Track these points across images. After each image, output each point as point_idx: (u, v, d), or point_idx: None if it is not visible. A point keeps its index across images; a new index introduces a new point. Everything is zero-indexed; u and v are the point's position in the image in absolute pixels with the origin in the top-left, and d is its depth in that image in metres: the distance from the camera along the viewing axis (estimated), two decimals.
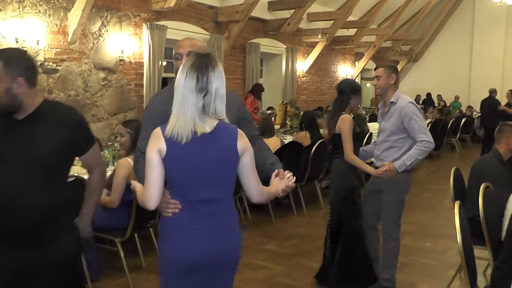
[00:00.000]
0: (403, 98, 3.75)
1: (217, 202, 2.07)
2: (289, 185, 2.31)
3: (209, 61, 2.01)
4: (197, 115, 1.97)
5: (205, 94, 1.97)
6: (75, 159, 2.48)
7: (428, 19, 16.27)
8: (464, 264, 2.58)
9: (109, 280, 4.05)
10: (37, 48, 6.25)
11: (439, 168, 9.87)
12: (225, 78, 2.04)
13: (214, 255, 2.07)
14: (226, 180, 2.08)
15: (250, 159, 2.09)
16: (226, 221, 2.11)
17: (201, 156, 1.99)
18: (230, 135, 2.04)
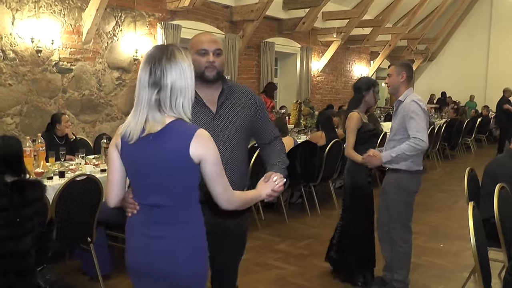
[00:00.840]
0: (410, 97, 3.65)
1: (169, 209, 1.86)
2: (275, 189, 2.15)
3: (164, 52, 1.81)
4: (151, 112, 1.80)
5: (159, 89, 1.79)
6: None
7: (444, 17, 16.10)
8: (478, 266, 2.54)
9: (122, 278, 4.06)
10: (52, 47, 6.32)
11: (454, 169, 9.76)
12: (189, 70, 1.84)
13: (156, 266, 1.89)
14: (176, 187, 1.85)
15: (211, 166, 1.83)
16: (179, 232, 1.87)
17: (145, 158, 1.84)
18: (183, 137, 1.80)
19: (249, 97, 2.53)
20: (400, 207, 3.71)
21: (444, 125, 10.76)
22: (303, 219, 5.98)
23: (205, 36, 2.48)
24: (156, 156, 1.81)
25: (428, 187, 8.23)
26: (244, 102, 2.49)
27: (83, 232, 3.69)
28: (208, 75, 2.38)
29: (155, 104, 1.80)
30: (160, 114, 1.80)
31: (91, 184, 3.64)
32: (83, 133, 6.80)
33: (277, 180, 2.18)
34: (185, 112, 1.83)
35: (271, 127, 2.63)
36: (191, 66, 1.86)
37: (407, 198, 3.71)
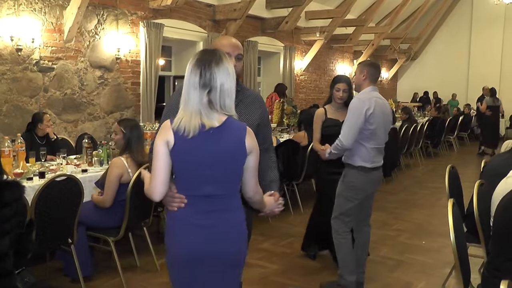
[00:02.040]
0: (360, 94, 3.70)
1: (220, 198, 2.05)
2: (275, 211, 2.34)
3: (213, 57, 2.00)
4: (203, 110, 1.97)
5: (209, 90, 1.97)
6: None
7: (426, 17, 16.26)
8: (457, 263, 2.57)
9: (103, 280, 4.03)
10: (33, 46, 6.23)
11: (437, 166, 9.86)
12: (233, 73, 2.04)
13: (212, 252, 2.05)
14: (231, 177, 2.06)
15: (255, 158, 2.07)
16: (228, 218, 2.08)
17: (207, 150, 1.99)
18: (239, 131, 2.02)
19: (257, 100, 2.57)
20: (339, 198, 3.78)
21: (426, 123, 10.86)
22: (286, 218, 5.99)
23: (227, 40, 2.49)
24: (217, 148, 1.99)
25: (411, 185, 8.32)
26: (254, 106, 2.53)
27: (63, 233, 3.64)
28: None
29: (207, 103, 1.97)
30: (213, 111, 1.98)
31: (72, 185, 3.59)
32: (65, 132, 6.73)
33: (280, 204, 2.35)
34: (232, 110, 2.03)
35: (269, 133, 2.68)
36: (234, 71, 2.06)
37: (347, 192, 3.72)
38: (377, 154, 3.74)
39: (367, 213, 3.93)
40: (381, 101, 3.71)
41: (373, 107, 3.59)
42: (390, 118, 3.84)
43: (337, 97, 4.12)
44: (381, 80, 17.75)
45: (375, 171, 3.75)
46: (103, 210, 3.86)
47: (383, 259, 4.67)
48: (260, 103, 2.58)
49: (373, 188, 3.80)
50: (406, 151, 9.65)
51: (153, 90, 7.89)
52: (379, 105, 3.65)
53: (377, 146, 3.70)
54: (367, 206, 3.88)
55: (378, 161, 3.77)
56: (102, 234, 3.94)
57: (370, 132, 3.60)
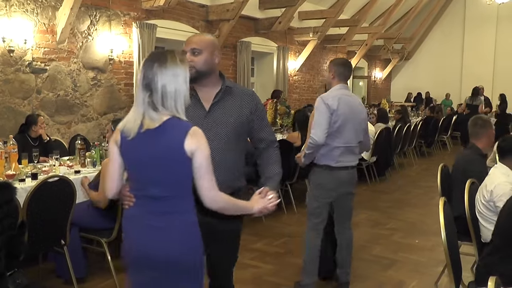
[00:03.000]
0: (325, 93, 3.67)
1: (167, 200, 1.99)
2: (268, 207, 2.22)
3: (157, 58, 1.98)
4: (146, 111, 1.95)
5: (151, 91, 1.94)
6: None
7: (419, 17, 16.33)
8: (448, 260, 2.59)
9: (96, 281, 4.02)
10: (25, 47, 6.21)
11: (430, 166, 9.88)
12: (182, 75, 1.97)
13: (158, 253, 1.99)
14: (175, 179, 1.99)
15: (201, 161, 1.95)
16: (176, 221, 2.00)
17: (145, 151, 1.97)
18: (179, 132, 1.94)
19: (246, 97, 2.51)
20: (309, 197, 3.77)
21: (420, 123, 10.90)
22: (279, 218, 5.99)
23: (190, 37, 2.50)
24: (154, 150, 1.95)
25: (405, 184, 8.35)
26: (240, 103, 2.47)
27: (56, 235, 3.64)
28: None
29: (149, 104, 1.95)
30: (156, 112, 1.95)
31: (64, 186, 3.59)
32: (58, 134, 6.71)
33: (272, 198, 2.24)
34: (178, 112, 1.97)
35: (268, 132, 2.60)
36: (185, 71, 2.00)
37: (313, 191, 3.71)
38: (345, 153, 3.59)
39: (347, 216, 3.80)
40: (348, 98, 3.62)
41: (337, 104, 3.51)
42: (361, 116, 3.67)
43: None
44: (375, 80, 17.82)
45: (344, 171, 3.61)
46: (96, 211, 3.85)
47: (376, 258, 4.68)
48: (249, 100, 2.51)
49: (344, 188, 3.65)
50: (400, 151, 9.68)
51: None
52: (345, 103, 3.55)
53: (345, 145, 3.57)
54: (345, 208, 3.75)
55: (347, 161, 3.62)
56: (95, 235, 3.93)
57: (334, 130, 3.51)
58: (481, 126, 3.97)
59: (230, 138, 2.44)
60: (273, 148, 2.60)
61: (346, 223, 3.81)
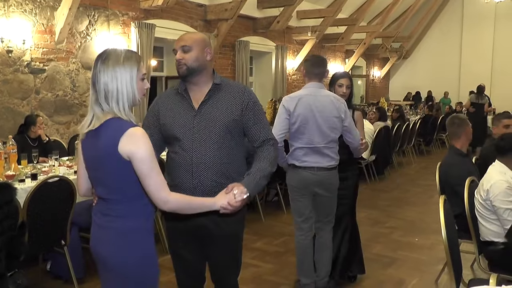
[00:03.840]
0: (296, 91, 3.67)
1: (111, 202, 1.97)
2: (232, 203, 2.06)
3: (101, 56, 1.93)
4: (95, 109, 1.92)
5: (95, 89, 1.92)
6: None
7: (417, 16, 16.35)
8: (449, 258, 2.59)
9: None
10: (24, 48, 6.21)
11: (429, 164, 9.89)
12: (124, 75, 1.90)
13: (99, 254, 2.02)
14: (115, 182, 1.93)
15: (139, 164, 1.87)
16: (115, 224, 1.96)
17: (87, 152, 1.99)
18: (114, 133, 1.87)
19: (237, 94, 2.42)
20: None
21: (419, 121, 10.91)
22: (279, 217, 6.00)
23: (182, 35, 2.48)
24: (93, 152, 1.94)
25: (404, 182, 8.36)
26: (230, 100, 2.40)
27: (56, 235, 3.64)
28: (178, 71, 2.41)
29: (96, 103, 1.92)
30: (102, 111, 1.91)
31: (64, 186, 3.59)
32: (57, 134, 6.70)
33: (237, 193, 2.09)
34: (121, 112, 1.91)
35: (262, 129, 2.45)
36: (130, 71, 1.91)
37: (289, 190, 3.69)
38: (309, 153, 3.48)
39: (322, 218, 3.66)
40: (311, 98, 3.46)
41: (294, 105, 3.43)
42: (328, 115, 3.45)
43: (340, 92, 3.80)
44: (373, 79, 17.83)
45: (309, 171, 3.49)
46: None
47: (376, 256, 4.69)
48: (240, 97, 2.41)
49: (313, 189, 3.53)
50: (399, 149, 9.69)
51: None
52: (305, 103, 3.44)
53: (307, 145, 3.46)
54: (319, 210, 3.64)
55: (313, 162, 3.48)
56: None
57: (294, 131, 3.46)
58: (458, 125, 3.96)
59: (222, 137, 2.36)
60: (268, 145, 2.44)
61: (322, 226, 3.69)
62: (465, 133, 3.91)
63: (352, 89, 3.93)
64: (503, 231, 3.17)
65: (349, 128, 3.55)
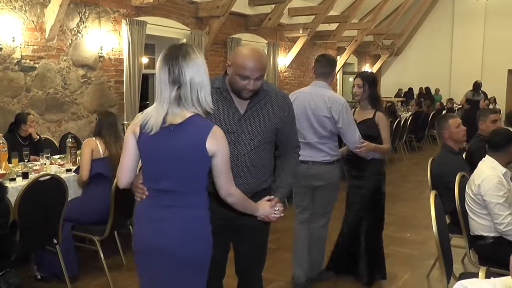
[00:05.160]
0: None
1: (178, 194, 2.03)
2: (270, 217, 2.33)
3: (179, 51, 1.98)
4: (171, 106, 1.97)
5: (179, 85, 1.95)
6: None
7: (409, 13, 16.40)
8: (440, 252, 2.61)
9: (89, 280, 4.01)
10: (13, 45, 6.16)
11: (421, 160, 9.95)
12: (204, 66, 2.00)
13: (162, 246, 2.03)
14: (189, 175, 2.02)
15: (221, 161, 2.02)
16: (183, 215, 2.03)
17: (164, 146, 2.00)
18: (200, 131, 1.97)
19: (282, 102, 2.48)
20: None
21: (410, 117, 10.96)
22: None
23: (250, 61, 2.28)
24: (175, 145, 1.98)
25: (396, 178, 8.40)
26: (276, 107, 2.44)
27: (48, 234, 3.62)
28: (244, 95, 2.36)
29: (175, 100, 1.96)
30: (180, 108, 1.97)
31: (56, 184, 3.57)
32: (48, 132, 6.66)
33: (278, 211, 2.33)
34: (208, 103, 2.01)
35: (294, 136, 2.59)
36: (205, 62, 2.02)
37: None
38: (305, 148, 3.48)
39: (317, 210, 3.79)
40: (307, 96, 3.60)
41: (293, 100, 3.44)
42: (319, 114, 3.55)
43: (352, 92, 3.98)
44: None
45: (304, 165, 3.53)
46: (89, 207, 3.86)
47: None
48: (283, 104, 2.48)
49: (308, 182, 3.64)
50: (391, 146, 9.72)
51: (137, 88, 7.85)
52: (301, 100, 3.58)
53: (302, 140, 3.44)
54: (314, 202, 3.76)
55: (308, 156, 3.56)
56: (88, 233, 3.92)
57: None
58: (439, 127, 4.00)
59: (263, 142, 2.42)
60: (293, 154, 2.59)
61: (315, 218, 3.79)
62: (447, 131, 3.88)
63: (369, 89, 3.85)
64: (493, 225, 3.20)
65: (344, 130, 3.57)
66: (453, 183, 3.42)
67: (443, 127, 3.90)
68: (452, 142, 3.90)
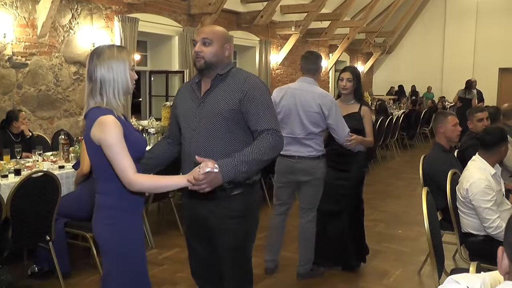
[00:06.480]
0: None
1: (97, 181, 2.22)
2: (196, 176, 1.98)
3: (96, 50, 2.15)
4: (88, 101, 2.15)
5: (91, 81, 2.12)
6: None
7: (401, 11, 16.45)
8: (431, 248, 2.64)
9: (82, 277, 4.00)
10: (5, 41, 6.13)
11: (413, 157, 10.01)
12: (119, 66, 2.11)
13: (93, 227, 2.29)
14: (94, 164, 2.22)
15: (105, 148, 2.06)
16: (99, 200, 2.22)
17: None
18: (90, 122, 2.11)
19: (237, 84, 2.33)
20: None
21: (402, 115, 11.01)
22: (263, 210, 5.93)
23: (203, 27, 2.48)
24: (84, 136, 2.20)
25: (388, 176, 8.44)
26: (230, 89, 2.33)
27: (41, 230, 3.61)
28: (195, 63, 2.38)
29: (91, 94, 2.14)
30: (93, 103, 2.13)
31: (49, 181, 3.56)
32: (40, 129, 6.64)
33: (203, 166, 2.01)
34: (115, 98, 2.13)
35: (261, 119, 2.29)
36: (123, 63, 2.12)
37: (275, 176, 3.99)
38: (292, 143, 3.63)
39: (302, 205, 3.86)
40: (296, 91, 3.65)
41: (280, 97, 3.67)
42: (309, 109, 3.59)
43: (340, 86, 4.03)
44: None
45: (290, 159, 3.70)
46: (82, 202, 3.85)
47: None
48: (241, 85, 2.32)
49: (294, 176, 3.74)
50: (382, 143, 9.78)
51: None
52: (290, 95, 3.65)
53: (290, 135, 3.62)
54: (300, 197, 3.88)
55: (294, 151, 3.67)
56: (81, 230, 3.91)
57: (279, 120, 3.46)
58: (434, 122, 4.06)
59: (220, 127, 2.31)
60: (265, 134, 2.26)
61: (303, 213, 3.89)
62: (440, 128, 3.90)
63: (356, 83, 4.00)
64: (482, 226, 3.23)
65: (334, 125, 3.65)
66: (445, 180, 3.45)
67: (440, 121, 3.92)
68: (444, 140, 3.92)
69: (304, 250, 3.92)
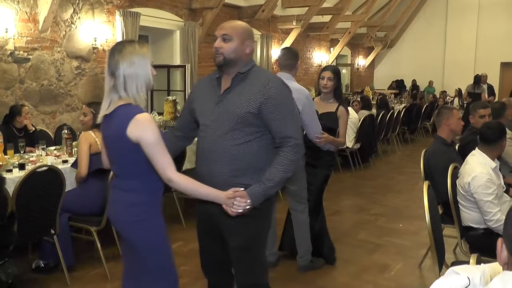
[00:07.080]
0: None
1: (119, 178, 2.25)
2: (228, 210, 2.19)
3: (117, 46, 2.17)
4: (110, 97, 2.15)
5: (115, 77, 2.12)
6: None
7: (402, 5, 16.42)
8: (432, 241, 2.67)
9: (86, 270, 4.04)
10: (6, 36, 6.13)
11: (414, 152, 10.03)
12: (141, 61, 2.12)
13: (112, 223, 2.41)
14: (122, 161, 2.20)
15: (146, 146, 2.07)
16: (119, 196, 2.24)
17: (104, 135, 2.26)
18: (123, 119, 2.09)
19: (258, 86, 2.30)
20: None
21: (403, 110, 11.02)
22: None
23: (224, 23, 2.44)
24: (107, 134, 2.20)
25: (389, 170, 8.47)
26: (251, 91, 2.30)
27: (46, 224, 3.65)
28: (215, 59, 2.36)
29: (114, 89, 2.14)
30: (119, 97, 2.13)
31: (53, 175, 3.59)
32: (43, 124, 6.66)
33: (236, 204, 2.18)
34: (138, 92, 2.14)
35: (281, 126, 2.29)
36: (144, 58, 2.14)
37: None
38: None
39: (293, 197, 3.93)
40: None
41: None
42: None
43: (321, 85, 4.03)
44: (358, 68, 17.92)
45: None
46: (86, 197, 3.88)
47: (361, 242, 4.77)
48: (261, 89, 2.29)
49: None
50: (383, 138, 9.80)
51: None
52: None
53: None
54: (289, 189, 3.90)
55: None
56: (85, 224, 3.95)
57: None
58: (437, 115, 4.07)
59: (234, 127, 2.29)
60: (287, 146, 2.29)
61: (293, 206, 3.94)
62: (445, 121, 3.95)
63: (337, 82, 4.00)
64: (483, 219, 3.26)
65: (307, 121, 3.61)
66: (446, 174, 3.47)
67: (446, 114, 3.95)
68: (448, 133, 3.95)
69: (300, 242, 3.95)
